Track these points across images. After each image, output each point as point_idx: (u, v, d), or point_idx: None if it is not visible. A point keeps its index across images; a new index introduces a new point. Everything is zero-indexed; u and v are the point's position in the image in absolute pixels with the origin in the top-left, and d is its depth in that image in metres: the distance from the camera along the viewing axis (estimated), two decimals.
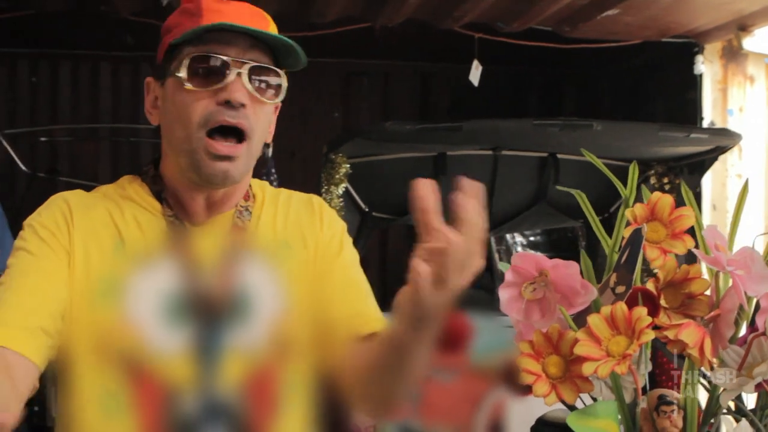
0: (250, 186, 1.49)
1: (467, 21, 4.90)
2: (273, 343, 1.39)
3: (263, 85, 1.35)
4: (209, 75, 1.31)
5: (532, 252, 5.51)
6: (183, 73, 1.31)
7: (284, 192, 1.54)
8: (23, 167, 5.57)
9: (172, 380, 1.33)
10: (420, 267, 1.08)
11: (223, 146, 1.31)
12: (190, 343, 1.33)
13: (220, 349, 1.34)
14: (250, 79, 1.32)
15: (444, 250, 1.07)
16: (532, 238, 6.17)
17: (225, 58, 1.31)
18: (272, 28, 1.38)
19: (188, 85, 1.31)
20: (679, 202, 1.40)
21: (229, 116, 1.31)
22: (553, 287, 1.32)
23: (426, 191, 1.13)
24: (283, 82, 1.37)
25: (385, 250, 7.34)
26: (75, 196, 1.41)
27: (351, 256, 1.53)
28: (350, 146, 3.97)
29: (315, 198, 1.54)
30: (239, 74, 1.31)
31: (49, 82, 7.22)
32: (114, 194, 1.42)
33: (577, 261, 1.37)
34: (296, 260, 1.44)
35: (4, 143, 5.29)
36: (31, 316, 1.29)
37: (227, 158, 1.32)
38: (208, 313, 1.35)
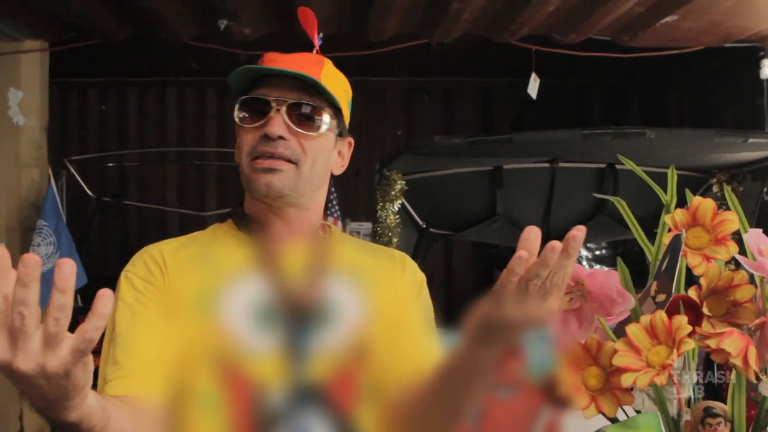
0: (328, 225, 1.65)
1: (524, 34, 4.86)
2: (352, 348, 1.49)
3: (303, 119, 1.50)
4: (254, 114, 1.50)
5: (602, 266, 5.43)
6: (236, 114, 1.51)
7: (367, 243, 1.73)
8: (89, 192, 5.70)
9: (263, 377, 1.44)
10: (511, 273, 1.14)
11: (264, 161, 1.48)
12: (281, 345, 1.45)
13: (308, 349, 1.46)
14: (289, 115, 1.49)
15: (543, 262, 1.14)
16: (597, 252, 6.08)
17: (266, 98, 1.49)
18: (327, 69, 1.55)
19: (240, 124, 1.51)
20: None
21: (268, 146, 1.47)
22: (590, 297, 1.29)
23: (533, 236, 1.17)
24: (324, 115, 1.52)
25: (450, 265, 7.31)
26: (165, 243, 1.55)
27: (427, 305, 1.63)
28: (402, 162, 3.97)
29: (397, 253, 1.67)
30: (278, 111, 1.48)
31: (117, 109, 7.41)
32: (203, 235, 1.58)
33: (645, 274, 1.34)
34: (376, 283, 1.56)
35: (72, 169, 5.42)
36: (147, 364, 1.42)
37: (269, 170, 1.47)
38: (296, 318, 1.46)
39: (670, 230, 1.38)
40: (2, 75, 5.10)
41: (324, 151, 1.54)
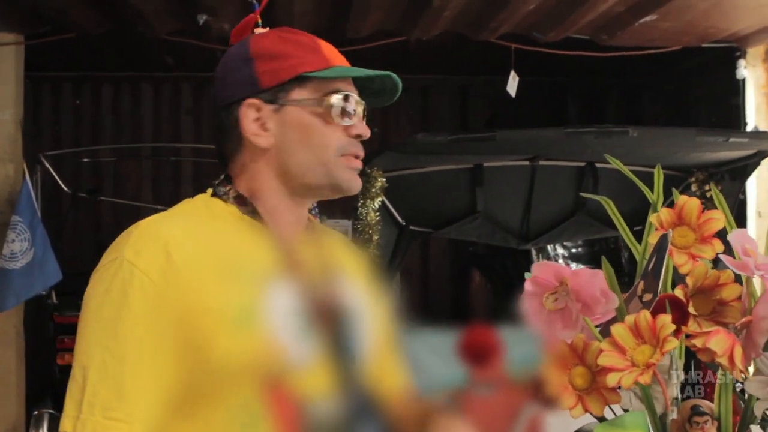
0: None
1: (503, 32, 4.87)
2: (380, 345, 1.46)
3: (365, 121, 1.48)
4: (346, 111, 1.41)
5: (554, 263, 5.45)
6: (331, 104, 1.39)
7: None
8: (65, 187, 5.64)
9: (310, 389, 1.29)
10: None
11: (355, 161, 1.43)
12: (326, 351, 1.33)
13: (354, 352, 1.37)
14: (364, 116, 1.45)
15: None
16: (573, 250, 6.09)
17: (358, 98, 1.43)
18: None
19: (332, 119, 1.39)
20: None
21: (358, 148, 1.44)
22: (574, 296, 1.28)
23: None
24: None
25: (427, 261, 7.31)
26: (169, 233, 1.32)
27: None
28: (384, 160, 3.96)
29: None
30: (363, 112, 1.44)
31: (92, 104, 7.34)
32: (202, 215, 1.39)
33: (621, 273, 1.34)
34: (358, 273, 1.52)
35: (47, 164, 5.36)
36: (155, 406, 1.25)
37: (356, 170, 1.44)
38: (334, 321, 1.36)
39: (657, 229, 1.37)
40: None
41: None
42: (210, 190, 1.43)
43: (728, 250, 1.33)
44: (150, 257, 1.27)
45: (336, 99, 1.39)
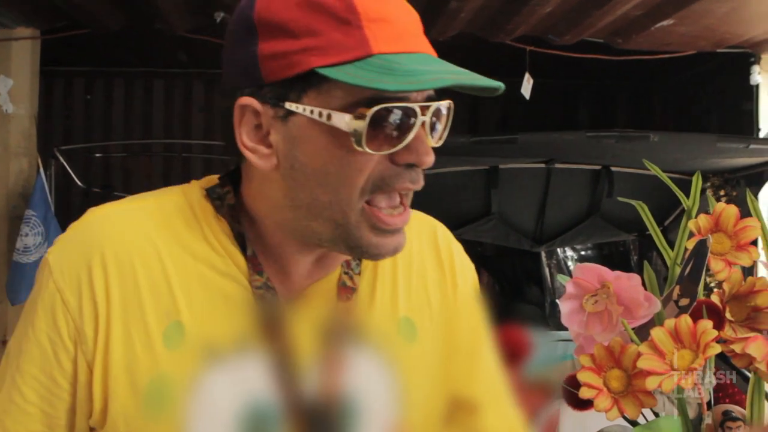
0: None
1: (519, 34, 4.88)
2: None
3: (437, 128, 0.98)
4: (392, 132, 0.92)
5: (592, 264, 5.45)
6: (351, 127, 0.90)
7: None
8: (78, 182, 5.65)
9: None
10: None
11: (393, 218, 0.96)
12: None
13: None
14: (432, 127, 0.96)
15: None
16: (583, 253, 6.10)
17: (412, 105, 0.92)
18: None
19: (362, 148, 0.91)
20: (743, 214, 1.37)
21: (412, 181, 0.95)
22: (616, 299, 1.29)
23: None
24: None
25: None
26: (107, 240, 0.98)
27: (485, 329, 1.19)
28: None
29: (440, 230, 1.17)
30: (423, 123, 0.93)
31: (104, 99, 7.35)
32: (177, 225, 1.00)
33: None
34: (419, 347, 1.09)
35: (60, 159, 5.37)
36: None
37: (398, 230, 0.97)
38: (307, 428, 0.97)
39: (692, 235, 1.38)
40: None
41: None
42: (203, 186, 1.04)
43: None
44: (69, 270, 0.97)
45: (373, 115, 0.89)
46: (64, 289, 0.96)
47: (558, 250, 5.83)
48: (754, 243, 1.37)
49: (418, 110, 0.92)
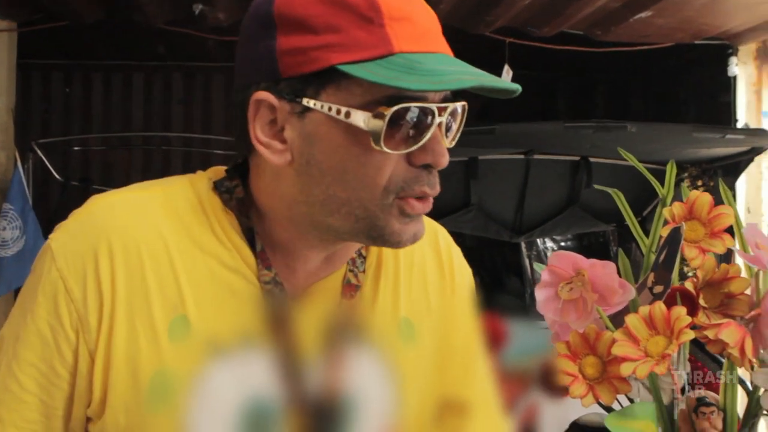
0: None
1: (498, 26, 4.88)
2: None
3: (452, 128, 1.00)
4: (409, 131, 0.93)
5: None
6: (369, 126, 0.91)
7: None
8: (57, 176, 5.62)
9: None
10: None
11: (420, 204, 0.96)
12: None
13: None
14: (448, 127, 0.98)
15: None
16: (563, 243, 6.13)
17: (430, 105, 0.93)
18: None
19: (379, 147, 0.92)
20: (717, 202, 1.39)
21: (430, 185, 0.96)
22: (591, 287, 1.30)
23: None
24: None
25: None
26: (115, 228, 0.97)
27: (478, 334, 1.22)
28: None
29: (441, 234, 1.20)
30: (440, 124, 0.95)
31: (82, 92, 7.31)
32: (186, 217, 1.00)
33: None
34: (417, 348, 1.10)
35: (38, 152, 5.34)
36: None
37: (419, 217, 0.98)
38: (306, 427, 0.98)
39: (666, 223, 1.40)
40: None
41: None
42: (211, 177, 1.04)
43: None
44: (74, 258, 0.96)
45: (392, 114, 0.91)
46: (67, 276, 0.95)
47: (538, 240, 5.87)
48: (729, 231, 1.39)
49: (435, 110, 0.93)
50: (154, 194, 1.02)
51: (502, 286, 5.14)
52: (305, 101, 0.92)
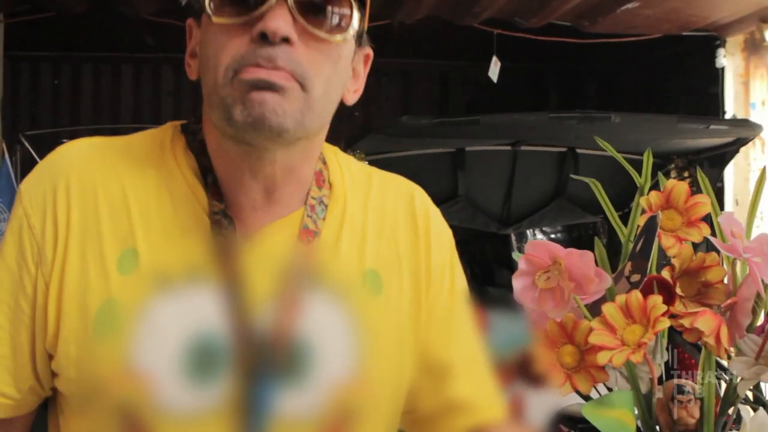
0: (324, 164, 1.10)
1: (486, 17, 4.88)
2: (336, 412, 1.00)
3: (318, 13, 0.96)
4: (238, 3, 0.95)
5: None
6: (207, 2, 0.96)
7: (376, 176, 1.14)
8: None
9: None
10: None
11: (258, 70, 0.93)
12: (223, 405, 0.95)
13: (264, 416, 0.96)
14: (299, 6, 0.95)
15: None
16: (552, 235, 6.14)
17: None
18: None
19: (213, 16, 0.95)
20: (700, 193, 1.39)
21: (264, 53, 0.93)
22: (567, 276, 1.30)
23: None
24: (349, 7, 0.98)
25: None
26: (74, 164, 1.01)
27: (461, 295, 1.17)
28: (368, 142, 3.98)
29: (418, 195, 1.15)
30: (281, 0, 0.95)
31: (71, 84, 7.28)
32: (150, 158, 1.03)
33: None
34: (384, 301, 1.07)
35: (26, 144, 5.32)
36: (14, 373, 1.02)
37: (266, 86, 0.93)
38: (253, 365, 0.96)
39: (644, 212, 1.40)
40: None
41: (343, 68, 1.01)
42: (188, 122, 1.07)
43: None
44: (36, 195, 0.99)
45: None
46: (31, 214, 0.99)
47: (528, 232, 5.88)
48: (706, 219, 1.39)
49: None
50: (117, 140, 1.06)
51: (492, 279, 5.15)
52: (197, 8, 0.99)
